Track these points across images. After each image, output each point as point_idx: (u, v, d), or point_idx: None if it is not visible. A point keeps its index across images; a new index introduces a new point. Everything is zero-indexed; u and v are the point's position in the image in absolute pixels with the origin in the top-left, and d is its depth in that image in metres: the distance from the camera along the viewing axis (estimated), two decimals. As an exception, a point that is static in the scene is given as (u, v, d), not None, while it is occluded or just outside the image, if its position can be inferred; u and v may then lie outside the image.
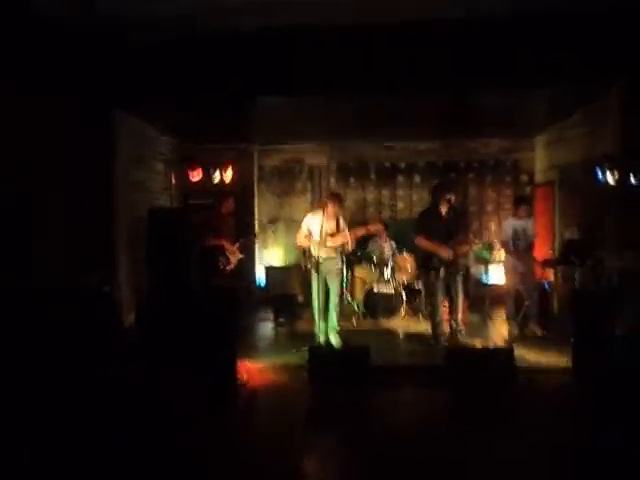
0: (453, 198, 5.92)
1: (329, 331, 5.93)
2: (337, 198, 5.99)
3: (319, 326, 5.93)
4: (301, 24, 4.80)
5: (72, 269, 4.68)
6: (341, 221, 5.95)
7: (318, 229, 5.84)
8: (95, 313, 4.54)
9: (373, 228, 6.24)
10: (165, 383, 4.48)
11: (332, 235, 5.84)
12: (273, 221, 8.88)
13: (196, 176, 6.68)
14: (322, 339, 5.91)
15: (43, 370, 3.75)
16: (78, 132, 5.17)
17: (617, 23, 4.76)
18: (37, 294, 4.04)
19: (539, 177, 8.59)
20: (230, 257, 6.63)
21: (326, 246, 5.80)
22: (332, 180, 8.95)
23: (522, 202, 6.68)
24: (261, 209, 9.03)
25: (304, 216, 6.14)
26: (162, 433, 3.75)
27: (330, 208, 5.83)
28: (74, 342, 4.23)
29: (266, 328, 7.23)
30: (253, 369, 5.22)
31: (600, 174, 5.40)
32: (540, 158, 8.59)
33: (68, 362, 4.07)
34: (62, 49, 4.75)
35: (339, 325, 6.03)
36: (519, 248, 6.44)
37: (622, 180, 5.21)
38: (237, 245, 6.73)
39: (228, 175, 6.86)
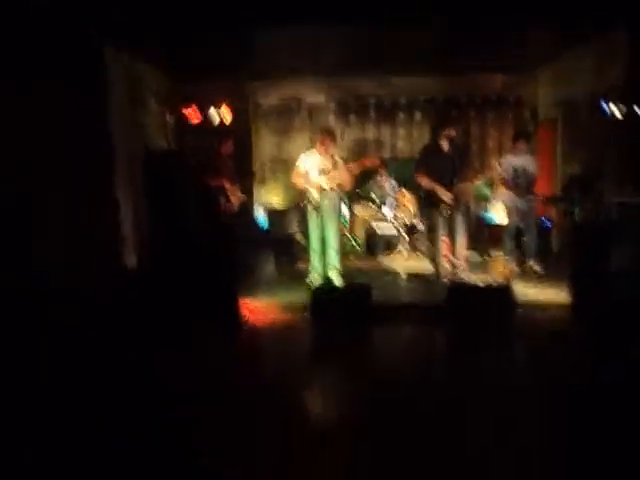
0: (454, 134, 5.81)
1: (329, 270, 5.95)
2: (330, 134, 5.85)
3: (315, 266, 5.96)
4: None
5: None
6: (337, 158, 5.85)
7: (314, 167, 5.76)
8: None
9: (369, 162, 6.14)
10: (167, 324, 4.53)
11: (328, 172, 5.77)
12: (272, 161, 8.76)
13: (192, 115, 6.51)
14: (317, 279, 5.94)
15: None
16: (69, 75, 5.00)
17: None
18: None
19: (542, 113, 8.40)
20: (231, 198, 6.58)
21: (322, 184, 5.74)
22: (331, 118, 8.76)
23: (520, 137, 6.56)
24: (259, 149, 8.89)
25: (300, 156, 6.05)
26: (163, 374, 3.81)
27: (324, 145, 5.73)
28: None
29: (267, 268, 7.27)
30: (255, 308, 5.29)
31: (606, 107, 5.27)
32: (544, 94, 8.37)
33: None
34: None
35: (339, 264, 6.07)
36: (519, 185, 6.39)
37: (628, 113, 5.09)
38: (238, 186, 6.67)
39: (225, 114, 6.68)
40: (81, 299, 4.41)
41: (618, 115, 5.19)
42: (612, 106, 5.23)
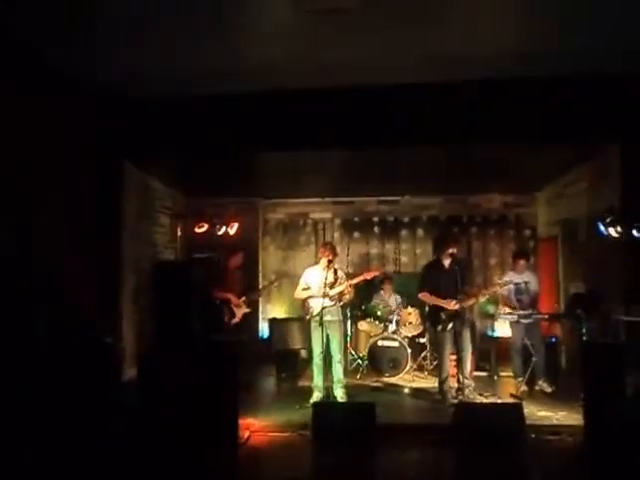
0: (456, 251, 5.93)
1: (334, 385, 5.81)
2: (330, 248, 5.95)
3: (317, 381, 5.81)
4: (303, 85, 5.01)
5: (75, 318, 4.69)
6: (339, 272, 5.93)
7: (316, 281, 5.83)
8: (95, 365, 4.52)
9: (369, 275, 6.12)
10: (164, 441, 4.37)
11: (331, 286, 5.81)
12: (277, 275, 8.88)
13: (202, 229, 6.73)
14: (319, 395, 5.78)
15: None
16: (88, 180, 5.31)
17: (614, 84, 4.93)
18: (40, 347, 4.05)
19: (542, 232, 8.63)
20: (236, 311, 6.61)
21: (325, 297, 5.74)
22: (336, 234, 9.02)
23: (520, 257, 6.66)
24: (265, 263, 9.06)
25: (304, 271, 6.15)
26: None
27: (325, 259, 5.82)
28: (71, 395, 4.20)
29: (269, 384, 7.10)
30: (255, 426, 5.09)
31: (602, 228, 5.42)
32: (542, 213, 8.66)
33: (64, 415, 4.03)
34: (74, 100, 4.96)
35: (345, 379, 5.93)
36: (522, 301, 6.40)
37: (625, 234, 5.22)
38: (243, 299, 6.72)
39: (234, 229, 6.90)
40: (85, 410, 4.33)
41: (615, 235, 5.31)
42: (609, 227, 5.36)
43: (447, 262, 5.94)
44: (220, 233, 6.79)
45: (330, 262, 5.81)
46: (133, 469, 4.04)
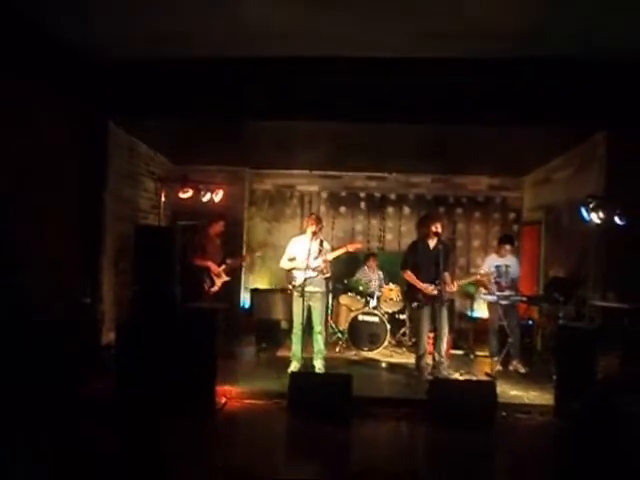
0: (440, 228, 5.93)
1: (315, 356, 5.88)
2: (316, 218, 5.96)
3: (296, 351, 5.86)
4: (294, 55, 4.92)
5: (54, 280, 4.65)
6: (324, 243, 5.94)
7: (301, 252, 5.83)
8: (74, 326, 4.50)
9: (352, 247, 6.14)
10: (140, 406, 4.39)
11: (316, 257, 5.82)
12: (261, 246, 8.85)
13: (186, 194, 6.62)
14: (297, 365, 5.84)
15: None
16: (72, 142, 5.21)
17: (601, 72, 4.92)
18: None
19: (526, 216, 8.69)
20: (215, 279, 6.59)
21: (309, 269, 5.75)
22: (322, 208, 8.98)
23: (505, 242, 6.71)
24: (250, 233, 9.02)
25: (289, 241, 6.15)
26: (137, 459, 3.68)
27: (310, 229, 5.84)
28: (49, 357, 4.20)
29: (248, 353, 7.13)
30: (232, 394, 5.12)
31: (585, 214, 5.46)
32: (528, 198, 8.71)
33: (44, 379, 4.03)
34: (61, 60, 4.84)
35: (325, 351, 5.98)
36: (501, 285, 6.47)
37: (607, 220, 5.27)
38: (223, 267, 6.69)
39: (219, 196, 6.81)
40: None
41: (597, 221, 5.35)
42: (592, 213, 5.40)
43: (432, 242, 5.95)
44: (205, 199, 6.69)
45: (315, 233, 5.81)
46: (109, 435, 4.05)
